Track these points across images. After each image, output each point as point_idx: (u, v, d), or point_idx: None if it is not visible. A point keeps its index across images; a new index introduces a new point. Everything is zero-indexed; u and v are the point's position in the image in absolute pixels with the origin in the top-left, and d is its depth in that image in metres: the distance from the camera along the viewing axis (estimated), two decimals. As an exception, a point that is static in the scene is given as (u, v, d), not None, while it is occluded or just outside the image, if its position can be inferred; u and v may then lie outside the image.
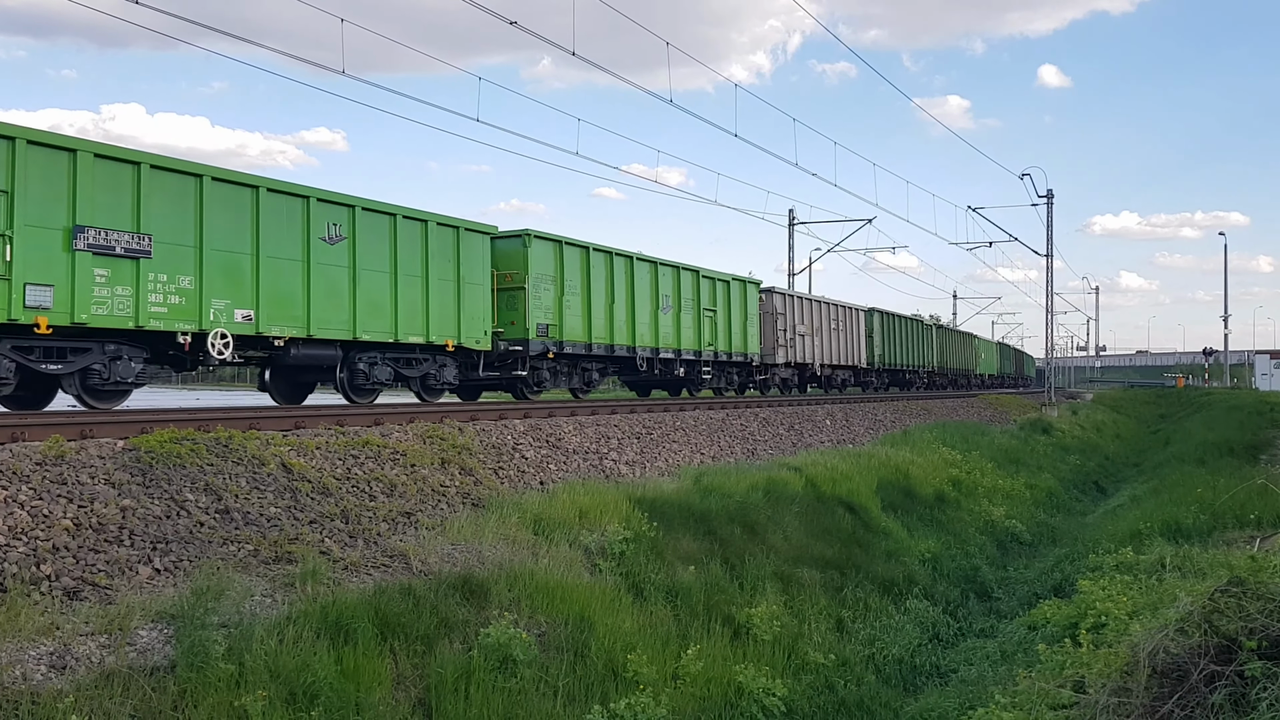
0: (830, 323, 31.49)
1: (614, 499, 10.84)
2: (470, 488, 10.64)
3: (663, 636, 8.52)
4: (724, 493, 12.67)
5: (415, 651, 6.96)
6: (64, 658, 5.61)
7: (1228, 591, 5.02)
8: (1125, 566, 9.67)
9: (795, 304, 29.19)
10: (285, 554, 7.66)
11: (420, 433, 11.45)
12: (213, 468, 8.49)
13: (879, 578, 12.24)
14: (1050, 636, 7.76)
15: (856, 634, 10.46)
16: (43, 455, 7.64)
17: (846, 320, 32.87)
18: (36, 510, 6.91)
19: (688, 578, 9.93)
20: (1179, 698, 4.58)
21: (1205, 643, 4.72)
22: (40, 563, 6.41)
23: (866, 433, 23.55)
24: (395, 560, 8.21)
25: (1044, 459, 27.17)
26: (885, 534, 14.31)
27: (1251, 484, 12.90)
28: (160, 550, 7.12)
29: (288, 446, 9.52)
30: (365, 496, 9.35)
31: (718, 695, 7.95)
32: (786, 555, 11.72)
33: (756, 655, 8.82)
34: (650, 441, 15.25)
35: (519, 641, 7.24)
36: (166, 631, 6.11)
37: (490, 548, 9.00)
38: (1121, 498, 21.24)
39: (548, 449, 12.94)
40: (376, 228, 15.17)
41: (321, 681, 6.12)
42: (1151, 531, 12.07)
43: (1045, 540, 17.49)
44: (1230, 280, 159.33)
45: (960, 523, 16.64)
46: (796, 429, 20.70)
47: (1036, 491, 21.67)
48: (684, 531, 10.98)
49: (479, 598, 7.87)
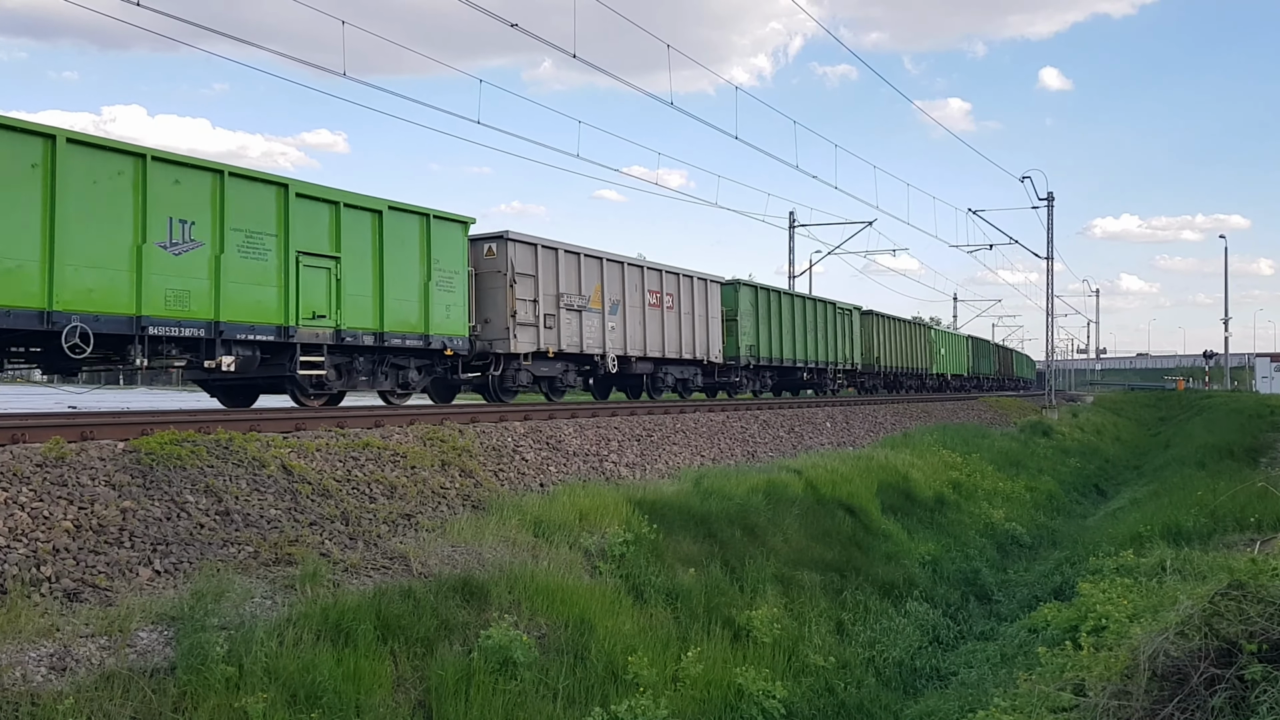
0: (647, 296, 21.64)
1: (614, 501, 10.84)
2: (470, 490, 10.64)
3: (663, 639, 8.52)
4: (724, 495, 12.67)
5: (415, 653, 6.96)
6: (64, 659, 5.60)
7: (1228, 594, 5.02)
8: (1125, 569, 9.67)
9: (560, 263, 18.70)
10: (285, 556, 7.66)
11: (420, 435, 11.45)
12: (213, 469, 8.49)
13: (879, 580, 12.24)
14: (1050, 639, 7.75)
15: (856, 636, 10.45)
16: (43, 457, 7.64)
17: (686, 295, 23.09)
18: (37, 512, 6.91)
19: (688, 580, 9.93)
20: (1179, 701, 4.58)
21: (1205, 646, 4.72)
22: (40, 564, 6.41)
23: (867, 435, 23.55)
24: (395, 562, 8.21)
25: (1044, 461, 27.17)
26: (885, 536, 14.30)
27: (1251, 486, 12.91)
28: (160, 552, 7.12)
29: (288, 448, 9.52)
30: (365, 498, 9.35)
31: (718, 697, 7.95)
32: (787, 558, 11.72)
33: (757, 658, 8.82)
34: (650, 444, 15.25)
35: (519, 643, 7.24)
36: (167, 633, 6.11)
37: (490, 550, 9.00)
38: (1122, 500, 21.24)
39: (548, 451, 12.94)
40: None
41: (322, 683, 6.12)
42: (1152, 534, 12.06)
43: (1045, 543, 17.49)
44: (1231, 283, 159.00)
45: (960, 525, 16.64)
46: (796, 431, 20.70)
47: (1037, 494, 21.66)
48: (684, 534, 10.98)
49: (479, 600, 7.87)
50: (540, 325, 17.94)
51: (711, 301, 24.22)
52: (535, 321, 17.83)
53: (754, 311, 26.29)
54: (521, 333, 17.48)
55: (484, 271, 17.36)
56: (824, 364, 31.01)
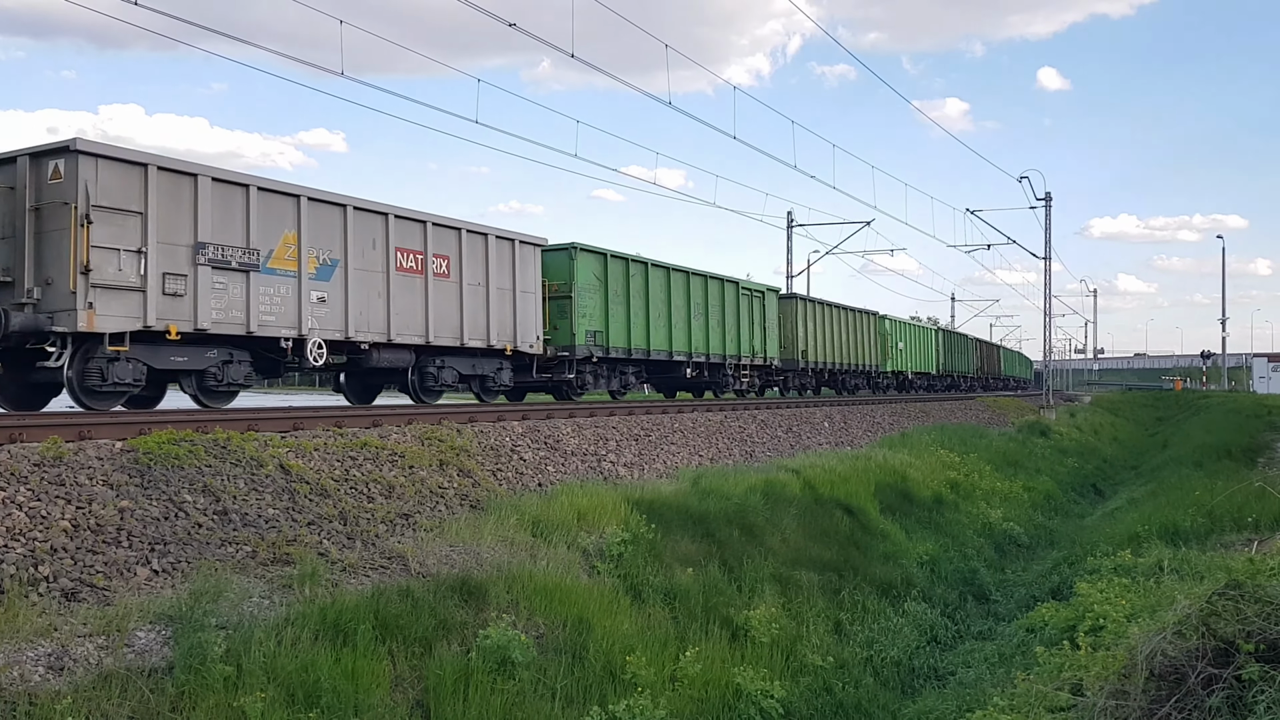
0: (395, 258, 15.23)
1: (612, 501, 10.84)
2: (468, 489, 10.64)
3: (661, 638, 8.52)
4: (722, 495, 12.68)
5: (414, 653, 6.96)
6: (62, 659, 5.60)
7: (1225, 594, 5.03)
8: (1123, 569, 9.69)
9: (203, 197, 12.60)
10: (283, 555, 7.66)
11: (418, 434, 11.45)
12: (211, 469, 8.48)
13: (877, 580, 12.25)
14: (1048, 639, 7.76)
15: (854, 636, 10.46)
16: (41, 456, 7.63)
17: (475, 260, 16.86)
18: (34, 511, 6.91)
19: (686, 580, 9.93)
20: (1176, 700, 4.59)
21: (1203, 645, 4.73)
22: (38, 564, 6.41)
23: (865, 435, 23.56)
24: (393, 562, 8.21)
25: (1042, 461, 27.20)
26: (883, 536, 14.31)
27: (1249, 487, 12.92)
28: (158, 551, 7.12)
29: (286, 448, 9.51)
30: (363, 498, 9.35)
31: (716, 697, 7.95)
32: (785, 557, 11.73)
33: (755, 657, 8.83)
34: (648, 443, 15.25)
35: (517, 643, 7.24)
36: (165, 633, 6.11)
37: (488, 549, 9.00)
38: (1119, 500, 21.27)
39: (546, 450, 12.94)
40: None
41: (320, 683, 6.12)
42: (1149, 534, 12.09)
43: (1043, 543, 17.51)
44: (1228, 283, 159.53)
45: (958, 525, 16.65)
46: (794, 431, 20.71)
47: (1034, 494, 21.68)
48: (682, 533, 10.98)
49: (477, 599, 7.87)
50: (154, 289, 11.75)
51: (525, 271, 17.86)
52: (138, 283, 11.60)
53: (601, 287, 19.90)
54: (105, 300, 11.31)
55: (44, 204, 11.29)
56: (722, 358, 24.57)
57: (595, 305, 19.77)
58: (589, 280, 19.67)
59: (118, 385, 11.61)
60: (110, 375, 11.49)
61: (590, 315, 19.58)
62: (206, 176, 12.47)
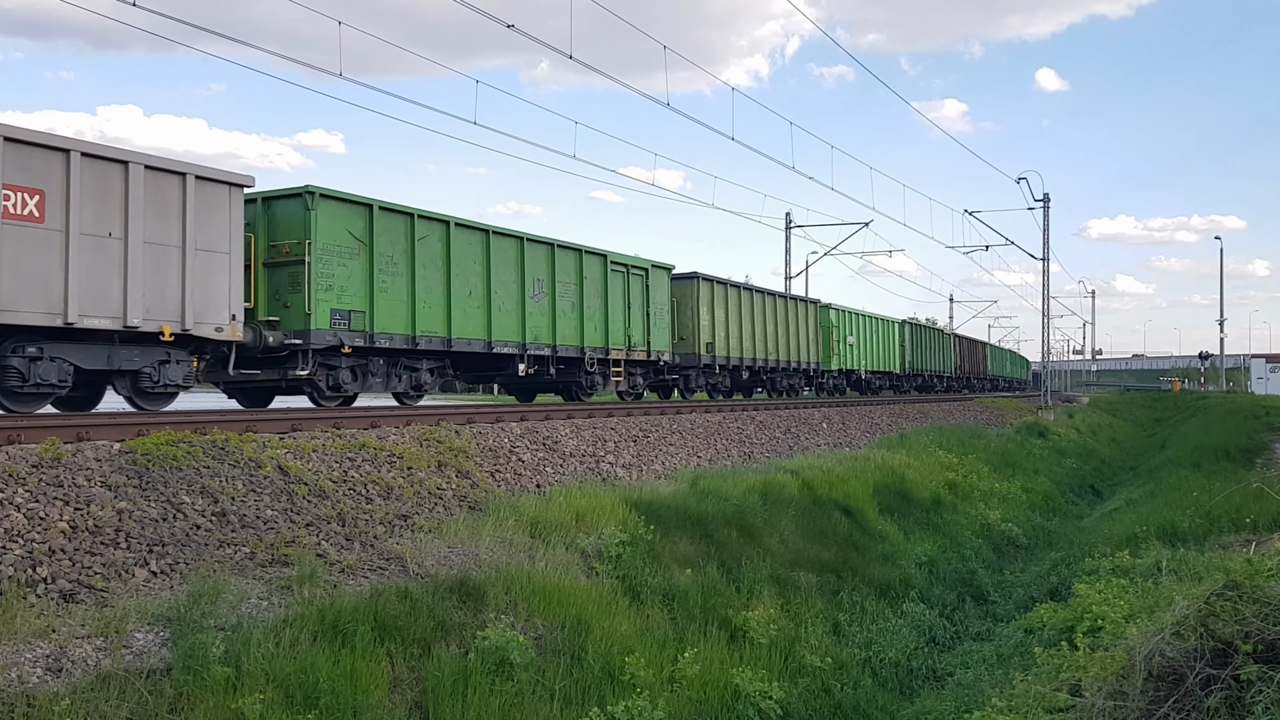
0: None
1: (611, 502, 10.84)
2: (467, 490, 10.63)
3: (659, 639, 8.52)
4: (721, 496, 12.68)
5: (412, 654, 6.96)
6: (60, 660, 5.60)
7: (1223, 595, 5.04)
8: (1121, 570, 9.69)
9: None
10: (282, 557, 7.65)
11: (417, 435, 11.44)
12: (209, 470, 8.48)
13: (875, 581, 12.25)
14: (1046, 640, 7.76)
15: (853, 637, 10.46)
16: (39, 457, 7.62)
17: (134, 202, 11.42)
18: (33, 513, 6.90)
19: (684, 581, 9.93)
20: (1175, 701, 4.59)
21: (1201, 646, 4.73)
22: (36, 565, 6.40)
23: (863, 436, 23.57)
24: (392, 563, 8.21)
25: (1040, 462, 27.22)
26: (881, 537, 14.32)
27: (1247, 487, 12.95)
28: (157, 553, 7.12)
29: (284, 449, 9.51)
30: (362, 499, 9.34)
31: (714, 698, 7.95)
32: (783, 558, 11.73)
33: (753, 658, 8.83)
34: (647, 444, 15.25)
35: (516, 644, 7.24)
36: (163, 634, 6.11)
37: (487, 550, 9.00)
38: (1118, 501, 21.28)
39: (544, 451, 12.94)
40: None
41: (319, 684, 6.11)
42: (1147, 535, 12.09)
43: (1041, 544, 17.51)
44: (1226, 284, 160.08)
45: (956, 526, 16.66)
46: (793, 432, 20.71)
47: (1032, 495, 21.70)
48: (681, 534, 10.98)
49: (476, 600, 7.87)
50: None
51: (207, 220, 12.34)
52: None
53: (362, 250, 14.55)
54: None
55: None
56: (579, 350, 19.24)
57: (351, 276, 14.31)
58: (339, 240, 14.15)
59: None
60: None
61: (340, 289, 14.13)
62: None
